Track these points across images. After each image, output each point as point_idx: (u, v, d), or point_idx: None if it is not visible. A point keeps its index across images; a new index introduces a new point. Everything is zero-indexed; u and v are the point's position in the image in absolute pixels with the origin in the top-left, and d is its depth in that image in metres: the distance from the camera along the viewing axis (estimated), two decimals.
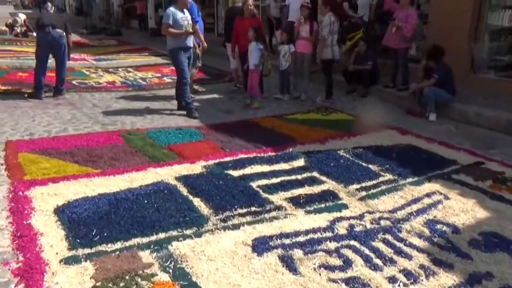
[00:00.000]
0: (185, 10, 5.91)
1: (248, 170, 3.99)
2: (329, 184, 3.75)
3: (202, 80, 8.39)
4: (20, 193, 3.28)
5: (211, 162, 4.18)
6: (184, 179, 3.70)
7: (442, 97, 5.83)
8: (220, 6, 14.45)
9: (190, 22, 5.96)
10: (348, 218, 3.15)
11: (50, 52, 6.58)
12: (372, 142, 4.90)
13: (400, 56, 6.69)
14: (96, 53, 12.13)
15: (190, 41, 5.98)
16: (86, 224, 2.88)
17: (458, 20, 6.63)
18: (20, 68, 9.07)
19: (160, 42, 15.49)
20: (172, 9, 5.72)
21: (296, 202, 3.39)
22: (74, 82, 7.74)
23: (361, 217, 3.17)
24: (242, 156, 4.37)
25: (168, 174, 3.82)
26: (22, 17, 16.34)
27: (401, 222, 3.11)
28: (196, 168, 4.01)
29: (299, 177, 3.90)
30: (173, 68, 10.31)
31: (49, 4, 16.57)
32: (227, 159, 4.28)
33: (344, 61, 7.29)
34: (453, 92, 5.91)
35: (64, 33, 6.57)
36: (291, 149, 4.59)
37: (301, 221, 3.08)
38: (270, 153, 4.50)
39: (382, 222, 3.10)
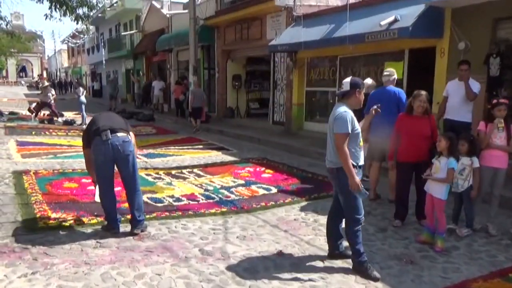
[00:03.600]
0: None
1: None
2: None
3: (306, 191, 6.30)
4: None
5: None
6: None
7: None
8: (279, 91, 12.77)
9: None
10: None
11: (114, 166, 4.40)
12: None
13: None
14: (139, 145, 10.13)
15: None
16: None
17: None
18: (64, 173, 6.95)
19: (204, 130, 13.66)
20: (347, 109, 3.68)
21: None
22: (144, 198, 5.49)
23: None
24: None
25: None
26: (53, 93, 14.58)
27: None
28: None
29: None
30: (250, 169, 8.39)
31: (81, 89, 15.03)
32: None
33: None
34: None
35: (129, 136, 4.46)
36: None
37: None
38: None
39: None
